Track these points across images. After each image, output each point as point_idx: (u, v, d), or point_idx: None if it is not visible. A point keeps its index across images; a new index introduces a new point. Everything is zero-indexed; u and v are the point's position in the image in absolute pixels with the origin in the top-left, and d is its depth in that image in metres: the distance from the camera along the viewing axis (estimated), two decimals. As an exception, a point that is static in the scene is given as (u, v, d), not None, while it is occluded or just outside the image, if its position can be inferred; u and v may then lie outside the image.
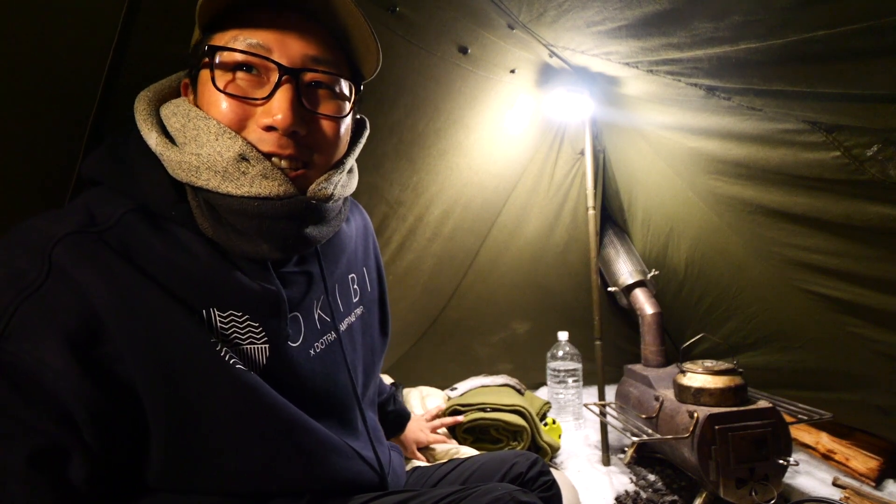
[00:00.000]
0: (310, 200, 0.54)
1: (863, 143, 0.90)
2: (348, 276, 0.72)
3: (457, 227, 1.69)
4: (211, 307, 0.51)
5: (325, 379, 0.63)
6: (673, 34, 0.89)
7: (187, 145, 0.51)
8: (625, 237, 1.96)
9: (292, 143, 0.53)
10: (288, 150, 0.53)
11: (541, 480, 0.75)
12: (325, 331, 0.65)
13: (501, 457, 0.79)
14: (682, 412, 1.24)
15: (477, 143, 1.50)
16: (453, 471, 0.80)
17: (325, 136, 0.56)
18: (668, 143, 1.42)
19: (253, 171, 0.50)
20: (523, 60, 1.34)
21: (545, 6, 1.01)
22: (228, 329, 0.53)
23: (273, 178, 0.51)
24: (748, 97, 0.98)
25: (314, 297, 0.64)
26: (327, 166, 0.58)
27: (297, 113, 0.52)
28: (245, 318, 0.54)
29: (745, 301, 1.61)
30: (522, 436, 1.43)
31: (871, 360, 1.29)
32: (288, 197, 0.52)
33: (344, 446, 0.62)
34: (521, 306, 2.06)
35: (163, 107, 0.56)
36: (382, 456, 0.69)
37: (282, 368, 0.57)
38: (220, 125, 0.51)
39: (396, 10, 1.02)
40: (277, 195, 0.51)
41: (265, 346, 0.55)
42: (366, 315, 0.76)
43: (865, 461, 1.38)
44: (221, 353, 0.50)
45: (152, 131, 0.53)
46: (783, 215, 1.21)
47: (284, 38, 0.53)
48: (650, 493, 1.38)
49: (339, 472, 0.60)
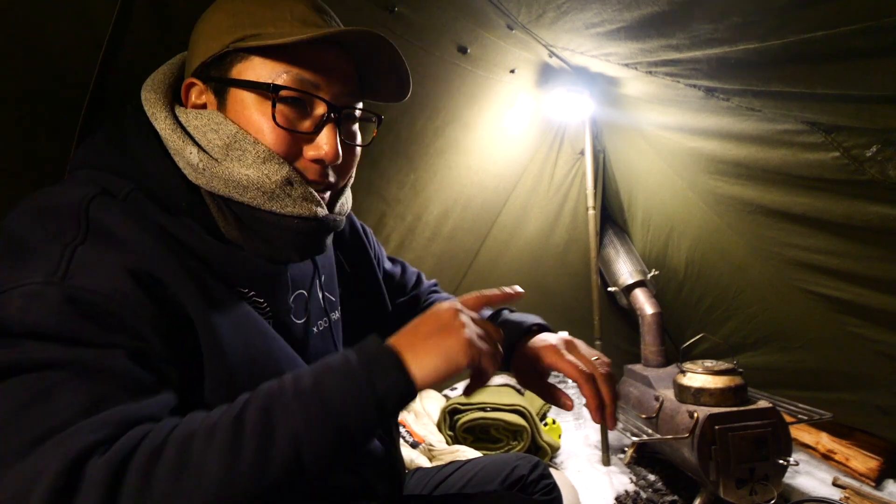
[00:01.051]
0: (334, 217, 0.59)
1: (862, 143, 0.90)
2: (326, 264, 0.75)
3: (456, 226, 1.69)
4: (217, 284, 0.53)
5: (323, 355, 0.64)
6: (671, 35, 0.88)
7: (227, 162, 0.53)
8: (625, 237, 1.96)
9: (330, 173, 0.58)
10: (327, 178, 0.57)
11: (542, 484, 0.75)
12: (330, 310, 0.68)
13: (503, 459, 0.79)
14: (682, 412, 1.24)
15: (476, 142, 1.50)
16: (454, 473, 0.80)
17: (349, 163, 0.61)
18: (668, 143, 1.42)
19: (295, 194, 0.54)
20: (523, 60, 1.34)
21: (544, 7, 1.01)
22: None
23: (312, 200, 0.55)
24: (747, 98, 0.98)
25: (317, 278, 0.67)
26: (345, 186, 0.63)
27: (340, 147, 0.56)
28: (251, 294, 0.56)
29: (745, 301, 1.61)
30: (522, 435, 1.43)
31: (871, 360, 1.29)
32: (323, 217, 0.56)
33: None
34: (521, 306, 2.05)
35: (187, 115, 0.55)
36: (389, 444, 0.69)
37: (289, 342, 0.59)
38: (269, 150, 0.53)
39: (395, 10, 1.02)
40: (315, 216, 0.55)
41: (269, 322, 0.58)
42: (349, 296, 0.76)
43: (865, 461, 1.38)
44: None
45: (188, 144, 0.53)
46: (783, 215, 1.21)
47: (329, 76, 0.56)
48: (650, 493, 1.38)
49: None
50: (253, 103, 0.54)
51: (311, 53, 0.55)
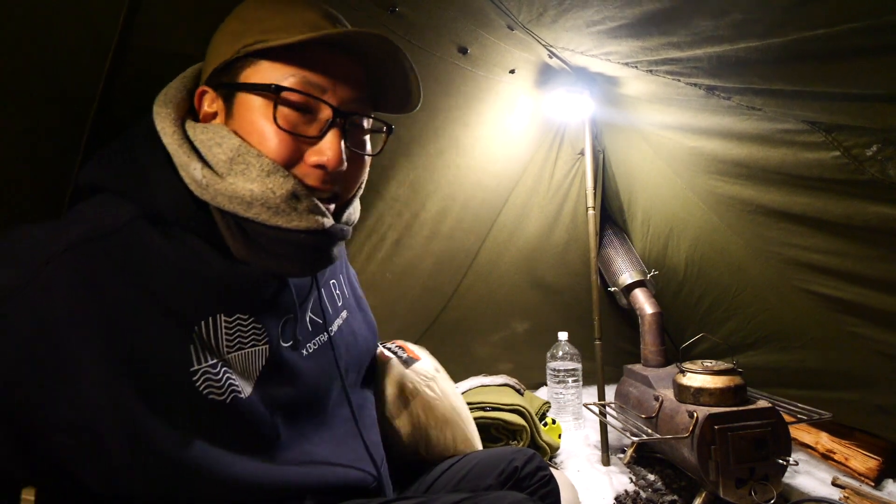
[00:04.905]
0: (341, 228, 0.58)
1: (862, 143, 0.90)
2: (331, 281, 0.75)
3: (456, 226, 1.69)
4: (218, 313, 0.53)
5: (318, 378, 0.65)
6: (672, 33, 0.88)
7: (230, 177, 0.52)
8: (624, 237, 1.96)
9: (333, 179, 0.56)
10: (329, 185, 0.56)
11: (538, 475, 0.75)
12: (316, 332, 0.67)
13: (498, 453, 0.79)
14: (681, 412, 1.24)
15: (476, 142, 1.50)
16: (451, 468, 0.79)
17: (355, 171, 0.60)
18: (668, 143, 1.42)
19: (301, 207, 0.53)
20: (523, 61, 1.34)
21: (545, 6, 1.01)
22: (233, 333, 0.54)
23: (318, 212, 0.54)
24: (748, 97, 0.98)
25: (307, 301, 0.66)
26: (352, 196, 0.62)
27: (344, 154, 0.55)
28: (251, 321, 0.56)
29: (745, 301, 1.61)
30: (522, 435, 1.43)
31: (871, 360, 1.29)
32: (329, 229, 0.55)
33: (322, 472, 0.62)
34: (521, 306, 2.06)
35: (195, 129, 0.55)
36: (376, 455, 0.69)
37: (278, 368, 0.59)
38: (273, 163, 0.52)
39: (396, 10, 1.02)
40: (321, 228, 0.54)
41: (265, 348, 0.57)
42: (350, 319, 0.78)
43: (865, 461, 1.38)
44: (197, 383, 0.50)
45: (192, 159, 0.52)
46: (783, 215, 1.21)
47: (336, 81, 0.55)
48: (650, 493, 1.38)
49: (328, 483, 0.61)
50: (258, 107, 0.54)
51: (319, 57, 0.54)
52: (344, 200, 0.60)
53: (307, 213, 0.53)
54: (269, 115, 0.53)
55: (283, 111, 0.53)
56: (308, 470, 0.59)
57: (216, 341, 0.53)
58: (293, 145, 0.54)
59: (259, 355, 0.57)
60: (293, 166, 0.54)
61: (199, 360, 0.51)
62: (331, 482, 0.61)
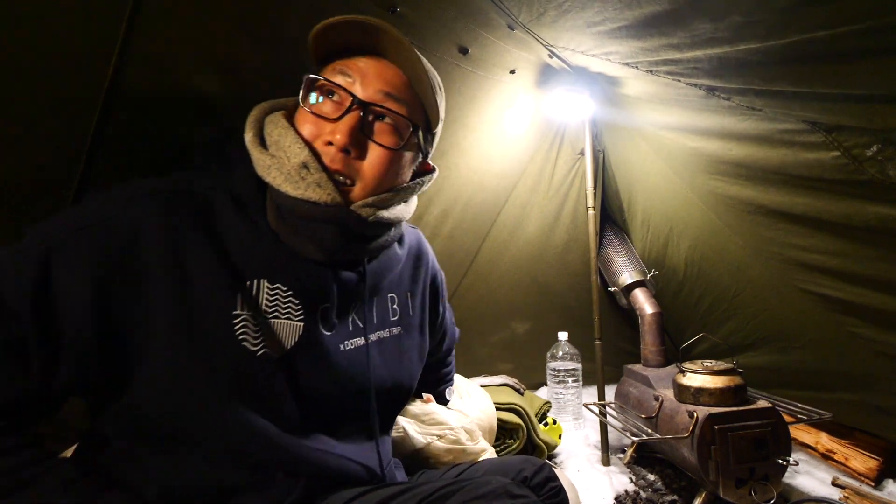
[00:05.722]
0: (352, 211, 0.63)
1: (862, 143, 0.90)
2: (388, 294, 0.78)
3: (456, 226, 1.69)
4: (262, 277, 0.61)
5: (348, 377, 0.69)
6: (673, 34, 0.89)
7: (270, 147, 0.62)
8: (624, 237, 1.96)
9: (343, 159, 0.62)
10: (337, 164, 0.62)
11: (548, 486, 0.75)
12: (355, 334, 0.71)
13: (509, 462, 0.79)
14: (681, 412, 1.24)
15: (476, 142, 1.50)
16: (459, 476, 0.79)
17: (372, 160, 0.64)
18: (668, 143, 1.42)
19: (310, 179, 0.59)
20: (523, 61, 1.34)
21: (545, 6, 1.01)
22: (272, 300, 0.62)
23: (325, 187, 0.60)
24: (748, 97, 0.98)
25: (352, 302, 0.71)
26: (375, 187, 0.65)
27: (354, 136, 0.62)
28: (288, 294, 0.63)
29: (744, 301, 1.61)
30: (518, 434, 1.43)
31: (871, 360, 1.29)
32: (334, 205, 0.60)
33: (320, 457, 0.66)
34: (521, 306, 2.06)
35: (266, 121, 0.66)
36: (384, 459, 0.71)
37: (310, 350, 0.64)
38: (296, 136, 0.61)
39: (396, 10, 1.01)
40: (325, 202, 0.59)
41: (300, 325, 0.63)
42: (403, 337, 0.80)
43: (865, 461, 1.38)
44: (235, 326, 0.59)
45: (249, 132, 0.63)
46: (783, 215, 1.21)
47: (365, 76, 0.64)
48: (650, 493, 1.38)
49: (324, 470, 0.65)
50: (300, 96, 0.65)
51: (356, 60, 0.65)
52: (367, 191, 0.64)
53: (315, 185, 0.59)
54: (306, 100, 0.64)
55: (313, 96, 0.64)
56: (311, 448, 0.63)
57: (258, 300, 0.61)
58: (317, 123, 0.63)
59: (293, 330, 0.63)
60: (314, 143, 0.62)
61: (242, 307, 0.59)
62: (332, 466, 0.64)
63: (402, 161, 0.68)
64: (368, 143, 0.64)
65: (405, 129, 0.67)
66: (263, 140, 0.64)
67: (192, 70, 0.83)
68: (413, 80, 0.67)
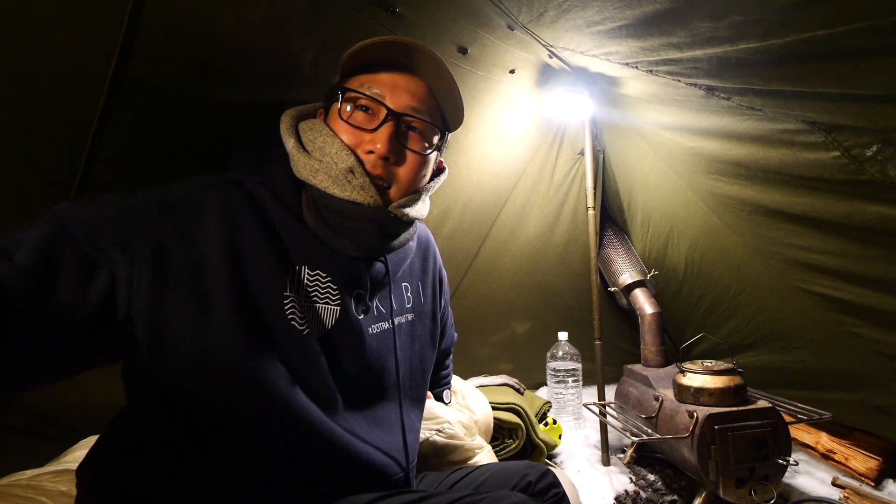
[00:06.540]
0: (389, 212, 0.69)
1: (862, 143, 0.90)
2: (402, 283, 0.83)
3: (456, 226, 1.69)
4: (304, 264, 0.67)
5: (377, 358, 0.74)
6: (672, 34, 0.89)
7: (314, 153, 0.68)
8: (624, 237, 1.96)
9: (382, 165, 0.69)
10: (379, 170, 0.68)
11: (552, 492, 0.76)
12: (381, 318, 0.76)
13: (513, 467, 0.80)
14: (681, 412, 1.24)
15: (476, 142, 1.50)
16: (463, 479, 0.81)
17: (407, 165, 0.72)
18: (668, 143, 1.42)
19: (355, 182, 0.66)
20: (523, 61, 1.34)
21: (545, 6, 1.01)
22: (312, 285, 0.67)
23: (368, 190, 0.66)
24: (748, 97, 0.98)
25: (378, 289, 0.76)
26: (408, 189, 0.72)
27: (392, 145, 0.68)
28: (327, 280, 0.68)
29: (745, 301, 1.61)
30: (518, 433, 1.42)
31: (871, 360, 1.29)
32: (376, 206, 0.67)
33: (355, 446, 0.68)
34: (521, 306, 2.06)
35: (301, 122, 0.73)
36: (411, 452, 0.75)
37: (346, 332, 0.69)
38: (342, 143, 0.68)
39: (396, 11, 1.01)
40: (368, 203, 0.66)
41: (337, 309, 0.69)
42: (416, 323, 0.84)
43: (865, 461, 1.38)
44: (285, 306, 0.64)
45: (290, 138, 0.70)
46: (783, 215, 1.21)
47: (395, 90, 0.70)
48: (650, 493, 1.38)
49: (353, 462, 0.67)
50: (338, 107, 0.71)
51: (386, 75, 0.71)
52: (401, 192, 0.71)
53: (360, 188, 0.65)
54: (343, 111, 0.70)
55: (351, 109, 0.70)
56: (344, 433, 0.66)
57: (302, 285, 0.66)
58: (357, 134, 0.69)
59: (331, 313, 0.68)
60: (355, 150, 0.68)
61: (290, 290, 0.65)
62: (361, 456, 0.67)
63: (428, 164, 0.76)
64: (402, 149, 0.71)
65: (431, 136, 0.74)
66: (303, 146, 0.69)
67: (192, 70, 0.83)
68: (434, 90, 0.74)
